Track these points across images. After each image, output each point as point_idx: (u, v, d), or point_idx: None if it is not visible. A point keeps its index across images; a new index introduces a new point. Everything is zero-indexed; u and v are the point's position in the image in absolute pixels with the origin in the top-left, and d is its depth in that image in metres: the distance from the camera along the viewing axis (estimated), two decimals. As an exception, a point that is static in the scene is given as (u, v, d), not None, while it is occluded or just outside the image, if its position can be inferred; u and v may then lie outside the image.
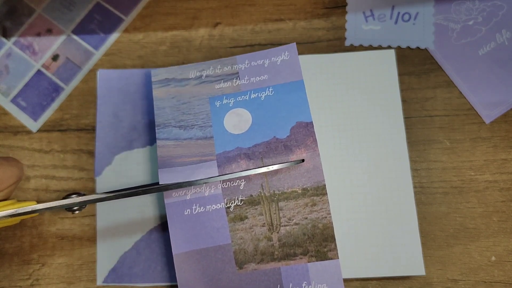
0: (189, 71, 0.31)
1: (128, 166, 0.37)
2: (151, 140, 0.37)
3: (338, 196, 0.35)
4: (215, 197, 0.30)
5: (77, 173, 0.37)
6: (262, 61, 0.30)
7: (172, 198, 0.30)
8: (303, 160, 0.30)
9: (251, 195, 0.30)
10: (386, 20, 0.39)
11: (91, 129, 0.38)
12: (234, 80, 0.30)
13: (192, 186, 0.29)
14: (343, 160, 0.36)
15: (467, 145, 0.37)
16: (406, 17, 0.39)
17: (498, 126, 0.37)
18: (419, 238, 0.34)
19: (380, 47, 0.38)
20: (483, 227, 0.35)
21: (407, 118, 0.37)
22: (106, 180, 0.37)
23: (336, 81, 0.37)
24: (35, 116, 0.39)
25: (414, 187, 0.36)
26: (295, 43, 0.31)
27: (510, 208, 0.36)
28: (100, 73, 0.39)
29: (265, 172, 0.29)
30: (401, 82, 0.38)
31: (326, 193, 0.30)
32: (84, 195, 0.29)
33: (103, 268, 0.35)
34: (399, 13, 0.39)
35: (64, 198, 0.29)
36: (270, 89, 0.30)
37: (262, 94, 0.29)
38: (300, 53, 0.39)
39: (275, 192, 0.30)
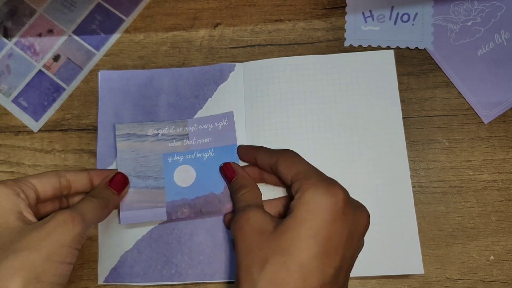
0: (148, 129, 0.37)
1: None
2: (152, 140, 0.37)
3: (338, 196, 0.35)
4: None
5: (78, 173, 0.38)
6: (207, 125, 0.37)
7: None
8: None
9: None
10: (385, 21, 0.39)
11: (92, 129, 0.38)
12: (184, 141, 0.37)
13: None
14: (343, 160, 0.36)
15: (466, 145, 0.37)
16: (405, 17, 0.39)
17: (496, 126, 0.37)
18: (418, 237, 0.34)
19: (379, 48, 0.39)
20: (482, 227, 0.36)
21: (406, 118, 0.37)
22: (107, 180, 0.37)
23: (336, 81, 0.38)
24: (36, 116, 0.39)
25: (413, 186, 0.36)
26: (233, 111, 0.37)
27: (508, 207, 0.36)
28: (102, 74, 0.39)
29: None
30: (400, 83, 0.38)
31: None
32: None
33: (104, 267, 0.35)
34: (398, 13, 0.39)
35: None
36: (212, 151, 0.36)
37: (205, 154, 0.36)
38: (299, 54, 0.39)
39: None
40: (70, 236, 0.26)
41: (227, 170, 0.35)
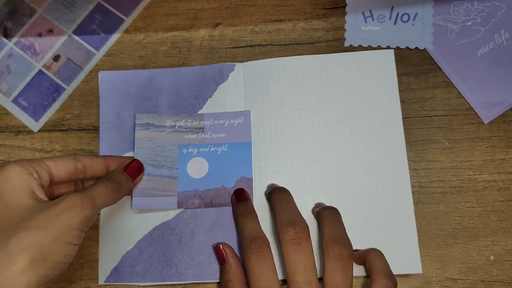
0: (166, 120, 0.37)
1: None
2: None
3: (337, 196, 0.36)
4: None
5: (78, 173, 0.38)
6: (223, 121, 0.37)
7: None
8: None
9: None
10: (385, 21, 0.39)
11: (92, 129, 0.38)
12: (200, 134, 0.37)
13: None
14: (342, 160, 0.36)
15: (466, 145, 0.37)
16: (405, 17, 0.39)
17: (496, 126, 0.37)
18: (417, 237, 0.34)
19: (379, 48, 0.39)
20: (482, 227, 0.36)
21: (406, 118, 0.37)
22: (107, 180, 0.37)
23: (336, 81, 0.38)
24: (36, 116, 0.39)
25: (413, 186, 0.36)
26: (250, 110, 0.37)
27: (508, 207, 0.36)
28: (102, 75, 0.39)
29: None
30: (400, 83, 0.38)
31: None
32: None
33: (105, 267, 0.35)
34: (398, 13, 0.39)
35: None
36: (226, 146, 0.37)
37: (219, 148, 0.37)
38: (299, 54, 0.39)
39: None
40: (78, 219, 0.27)
41: (217, 254, 0.34)
